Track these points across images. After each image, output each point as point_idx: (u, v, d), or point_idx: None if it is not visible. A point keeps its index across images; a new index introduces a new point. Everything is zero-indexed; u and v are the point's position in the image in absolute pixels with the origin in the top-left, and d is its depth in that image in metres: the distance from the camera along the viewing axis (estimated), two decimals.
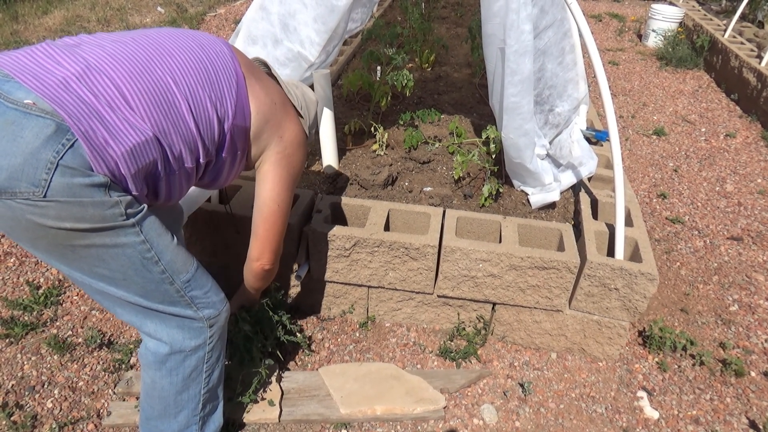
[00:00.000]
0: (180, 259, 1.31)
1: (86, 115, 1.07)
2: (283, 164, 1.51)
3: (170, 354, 1.39)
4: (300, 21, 2.13)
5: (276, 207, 1.52)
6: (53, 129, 1.03)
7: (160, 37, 1.28)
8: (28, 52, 1.12)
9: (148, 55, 1.21)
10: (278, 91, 1.53)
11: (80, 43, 1.18)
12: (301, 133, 1.55)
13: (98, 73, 1.12)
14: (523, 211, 2.31)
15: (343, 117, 2.98)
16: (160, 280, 1.27)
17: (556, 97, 2.35)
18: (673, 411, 1.98)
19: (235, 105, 1.33)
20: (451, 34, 4.83)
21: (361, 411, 1.85)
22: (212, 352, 1.47)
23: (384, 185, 2.41)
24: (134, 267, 1.23)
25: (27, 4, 6.54)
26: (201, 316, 1.39)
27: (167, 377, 1.42)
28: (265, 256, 1.59)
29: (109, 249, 1.18)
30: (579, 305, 2.03)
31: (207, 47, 1.33)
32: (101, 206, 1.12)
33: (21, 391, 1.90)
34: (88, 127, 1.07)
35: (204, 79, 1.27)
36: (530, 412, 1.94)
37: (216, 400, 1.59)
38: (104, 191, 1.12)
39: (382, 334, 2.22)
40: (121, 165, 1.13)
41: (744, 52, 4.86)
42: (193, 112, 1.25)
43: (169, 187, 1.30)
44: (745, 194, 3.40)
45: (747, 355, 2.22)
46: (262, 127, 1.43)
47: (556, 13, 2.17)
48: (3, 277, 2.41)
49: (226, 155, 1.39)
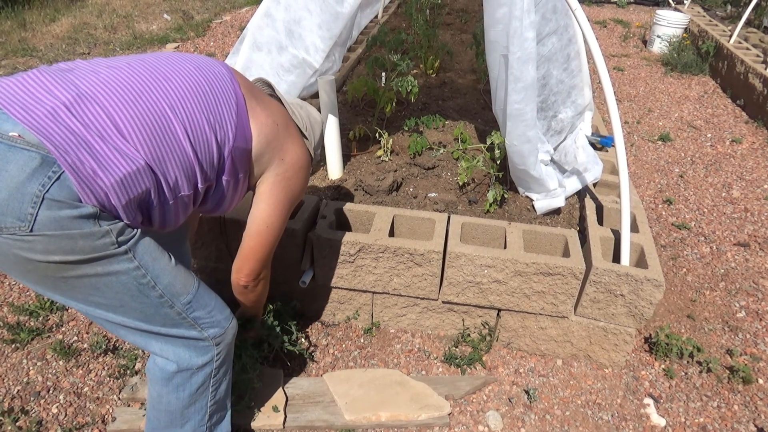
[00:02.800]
0: (179, 280, 1.29)
1: (74, 146, 1.04)
2: (282, 186, 1.47)
3: (177, 372, 1.38)
4: (305, 28, 2.14)
5: (265, 228, 1.48)
6: (38, 162, 1.01)
7: (156, 61, 1.25)
8: (20, 80, 1.09)
9: (143, 81, 1.18)
10: (281, 112, 1.49)
11: (74, 69, 1.15)
12: (303, 156, 1.52)
13: (90, 101, 1.09)
14: (528, 216, 2.31)
15: (348, 123, 2.99)
16: (159, 304, 1.25)
17: (560, 104, 2.35)
18: (680, 418, 1.96)
19: (235, 127, 1.30)
20: (456, 40, 4.85)
21: (365, 417, 1.84)
22: (220, 368, 1.45)
23: (389, 191, 2.41)
24: (130, 293, 1.20)
25: (35, 12, 6.61)
26: (206, 335, 1.37)
27: (174, 393, 1.41)
28: (243, 271, 1.53)
29: (102, 278, 1.16)
30: (584, 311, 2.02)
31: (205, 69, 1.30)
32: (91, 237, 1.10)
33: (26, 397, 1.91)
34: (75, 158, 1.04)
35: (202, 103, 1.24)
36: (536, 419, 1.93)
37: (224, 410, 1.58)
38: (94, 222, 1.09)
39: (386, 340, 2.22)
40: (111, 196, 1.10)
41: (750, 57, 4.84)
42: (191, 137, 1.21)
43: (163, 215, 1.27)
44: (751, 200, 3.38)
45: (755, 362, 2.20)
46: (263, 148, 1.39)
47: (559, 19, 2.17)
48: (9, 282, 2.42)
49: (228, 178, 1.35)
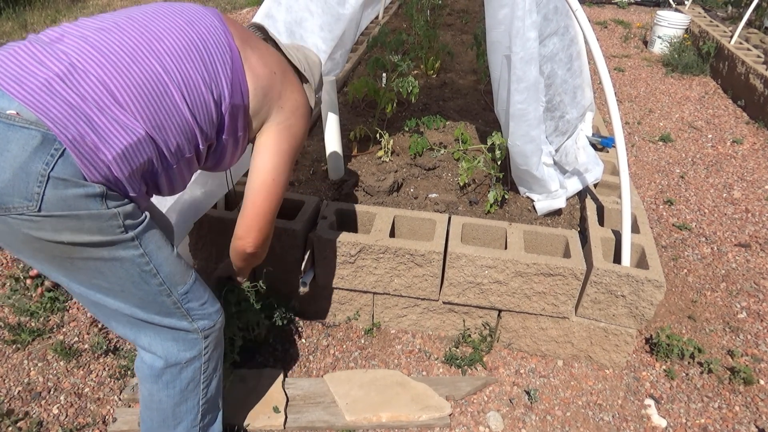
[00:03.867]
0: (179, 271, 1.29)
1: (73, 120, 1.03)
2: (284, 136, 1.39)
3: (165, 368, 1.37)
4: (306, 29, 2.14)
5: (271, 180, 1.38)
6: (39, 140, 1.00)
7: (145, 19, 1.19)
8: (10, 52, 1.06)
9: (135, 43, 1.13)
10: (277, 59, 1.43)
11: (63, 36, 1.11)
12: (303, 102, 1.45)
13: (83, 71, 1.05)
14: (528, 217, 2.31)
15: (349, 123, 2.99)
16: (158, 292, 1.26)
17: (567, 104, 2.35)
18: (681, 419, 1.96)
19: (231, 84, 1.25)
20: (457, 41, 4.85)
21: (366, 418, 1.84)
22: (208, 362, 1.44)
23: (389, 192, 2.41)
24: (132, 279, 1.21)
25: (36, 13, 6.62)
26: (195, 327, 1.36)
27: (164, 390, 1.40)
28: (250, 236, 1.42)
29: (107, 262, 1.16)
30: (585, 312, 2.02)
31: (197, 23, 1.24)
32: (98, 219, 1.09)
33: (27, 398, 1.91)
34: (75, 133, 1.03)
35: (196, 61, 1.20)
36: (536, 419, 1.93)
37: (216, 410, 1.57)
38: (101, 201, 1.09)
39: (387, 341, 2.22)
40: (114, 168, 1.08)
41: (751, 58, 4.84)
42: (188, 99, 1.18)
43: (170, 180, 1.26)
44: (752, 201, 3.38)
45: (756, 363, 2.20)
46: (261, 101, 1.34)
47: (560, 20, 2.17)
48: (10, 283, 2.42)
49: (227, 136, 1.32)
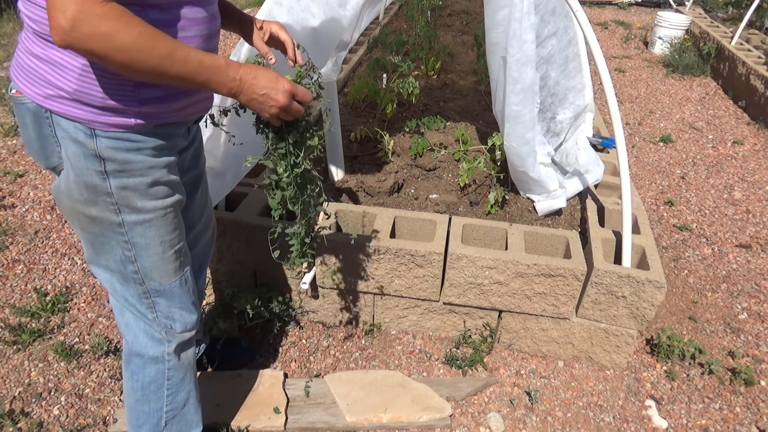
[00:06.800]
0: (158, 271, 1.32)
1: (30, 77, 1.08)
2: None
3: (131, 354, 1.42)
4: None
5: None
6: (33, 108, 1.11)
7: None
8: None
9: None
10: None
11: None
12: None
13: (27, 28, 1.08)
14: (529, 218, 2.31)
15: (349, 124, 3.00)
16: (132, 278, 1.31)
17: (558, 105, 2.35)
18: (682, 420, 1.95)
19: None
20: (457, 41, 4.85)
21: (367, 419, 1.84)
22: (173, 372, 1.45)
23: (390, 192, 2.42)
24: (116, 257, 1.28)
25: None
26: (158, 322, 1.38)
27: (129, 380, 1.45)
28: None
29: (98, 236, 1.26)
30: (586, 313, 2.01)
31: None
32: (94, 192, 1.16)
33: (28, 398, 1.91)
34: (37, 88, 1.08)
35: None
36: (537, 420, 1.93)
37: (186, 425, 1.55)
38: (98, 162, 1.13)
39: (387, 342, 2.22)
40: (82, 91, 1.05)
41: (751, 59, 4.84)
42: None
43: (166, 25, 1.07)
44: (753, 201, 3.38)
45: (757, 364, 2.19)
46: None
47: (558, 22, 2.17)
48: (11, 284, 2.43)
49: None
